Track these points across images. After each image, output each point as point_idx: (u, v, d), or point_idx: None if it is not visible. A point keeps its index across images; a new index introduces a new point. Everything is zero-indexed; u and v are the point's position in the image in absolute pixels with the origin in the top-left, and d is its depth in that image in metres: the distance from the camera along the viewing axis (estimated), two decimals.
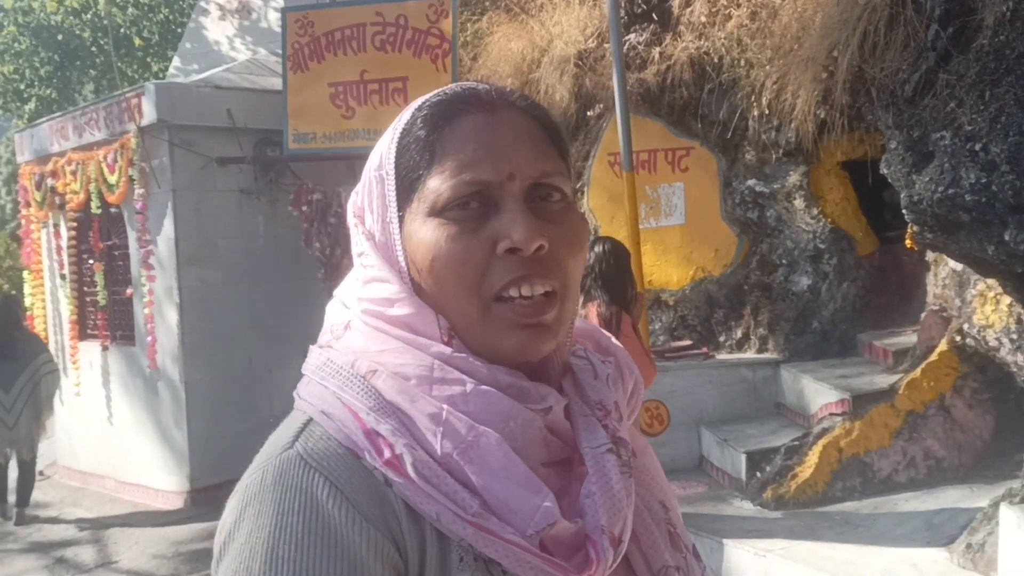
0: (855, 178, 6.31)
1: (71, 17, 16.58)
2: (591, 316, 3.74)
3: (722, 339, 6.82)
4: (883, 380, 5.41)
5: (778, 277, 6.52)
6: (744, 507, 5.18)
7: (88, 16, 16.57)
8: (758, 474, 5.32)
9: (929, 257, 5.21)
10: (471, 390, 0.81)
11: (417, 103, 0.89)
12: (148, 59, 17.26)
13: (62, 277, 9.28)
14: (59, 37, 16.48)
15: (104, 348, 8.74)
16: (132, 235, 8.26)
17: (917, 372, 5.06)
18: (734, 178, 6.63)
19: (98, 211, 8.49)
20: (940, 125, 3.33)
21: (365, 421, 0.81)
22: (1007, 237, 3.26)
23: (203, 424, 7.95)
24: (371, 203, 0.90)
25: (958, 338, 4.96)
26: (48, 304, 9.79)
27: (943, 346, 5.07)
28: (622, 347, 0.98)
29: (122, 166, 8.05)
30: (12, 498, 7.76)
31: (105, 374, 8.85)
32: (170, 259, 7.95)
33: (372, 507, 0.77)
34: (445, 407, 0.80)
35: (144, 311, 8.02)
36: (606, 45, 6.93)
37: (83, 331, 9.17)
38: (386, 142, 0.89)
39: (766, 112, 5.61)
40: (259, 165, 8.32)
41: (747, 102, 6.03)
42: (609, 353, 0.96)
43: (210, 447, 7.92)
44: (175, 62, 12.05)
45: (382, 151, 0.89)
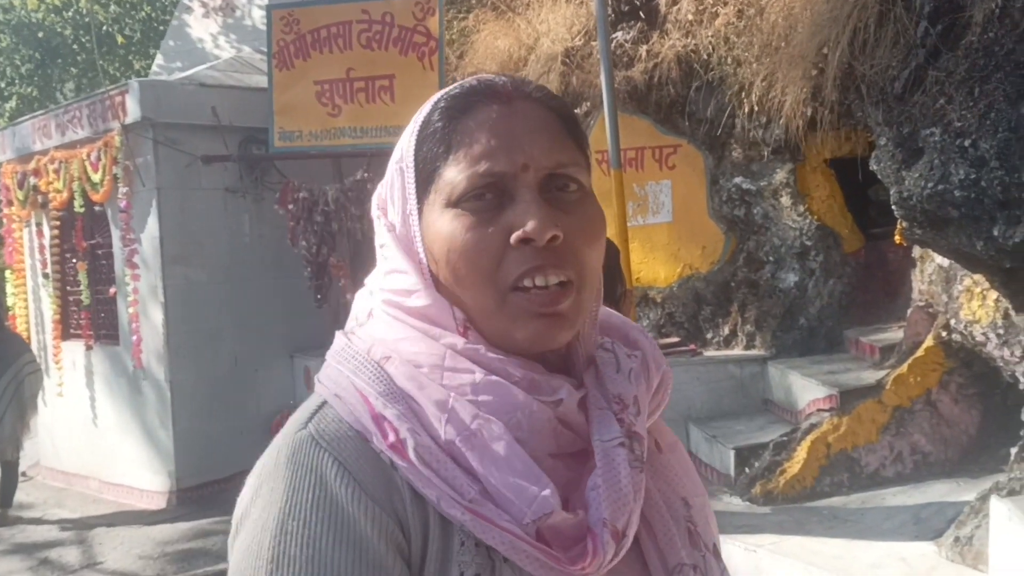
0: (841, 175, 6.35)
1: (52, 15, 16.45)
2: None
3: (709, 336, 6.84)
4: (870, 376, 5.44)
5: (765, 274, 6.55)
6: (733, 503, 5.20)
7: (69, 14, 16.44)
8: (747, 470, 5.34)
9: (915, 253, 5.25)
10: (480, 380, 0.82)
11: (437, 95, 0.90)
12: (130, 57, 17.14)
13: (45, 276, 9.20)
14: (40, 35, 16.33)
15: (88, 348, 8.67)
16: (116, 234, 8.20)
17: (904, 368, 5.10)
18: (721, 175, 6.65)
19: (81, 210, 8.42)
20: (930, 121, 3.35)
21: (374, 405, 0.83)
22: (996, 232, 3.29)
23: (189, 423, 7.91)
24: (392, 195, 0.91)
25: (944, 334, 5.00)
26: (30, 304, 9.70)
27: (929, 342, 5.11)
28: (652, 342, 0.98)
29: (106, 164, 7.98)
30: None
31: (89, 374, 8.78)
32: (155, 258, 7.89)
33: (378, 488, 0.79)
34: (452, 395, 0.82)
35: (128, 310, 7.96)
36: (593, 43, 6.94)
37: (66, 331, 9.09)
38: (407, 135, 0.90)
39: (755, 109, 5.62)
40: (244, 163, 8.28)
41: (735, 100, 6.05)
42: (637, 347, 0.96)
43: (196, 447, 7.87)
44: (158, 60, 11.97)
45: (403, 144, 0.90)
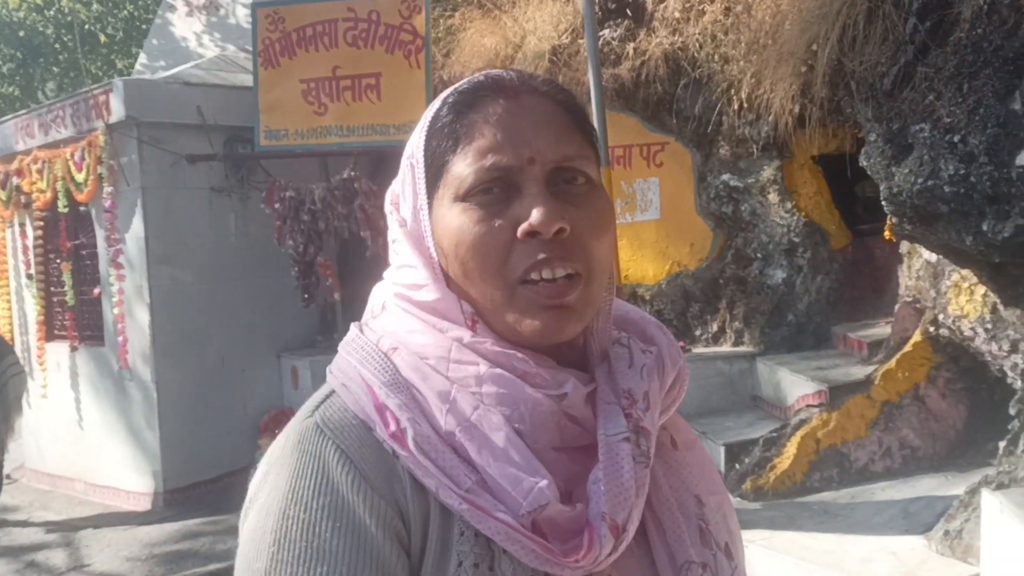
0: (828, 172, 6.38)
1: (34, 13, 16.32)
2: None
3: (698, 333, 6.86)
4: (858, 371, 5.46)
5: (753, 271, 6.57)
6: None
7: (51, 12, 16.32)
8: (737, 466, 5.35)
9: (903, 249, 5.27)
10: (484, 372, 0.84)
11: (446, 91, 0.92)
12: (113, 56, 17.03)
13: (28, 277, 9.12)
14: (21, 34, 16.21)
15: (73, 349, 8.61)
16: (100, 234, 8.14)
17: (892, 363, 5.12)
18: (709, 173, 6.66)
19: (65, 210, 8.36)
20: (919, 117, 3.37)
21: (378, 395, 0.84)
22: (985, 227, 3.31)
23: (175, 424, 7.86)
24: (404, 191, 0.93)
25: (932, 329, 5.03)
26: (13, 305, 9.61)
27: (917, 337, 5.13)
28: (670, 338, 0.98)
29: (90, 164, 7.92)
30: None
31: (73, 375, 8.71)
32: (140, 258, 7.84)
33: (379, 477, 0.81)
34: (455, 386, 0.83)
35: (114, 311, 7.91)
36: (580, 41, 6.94)
37: (50, 332, 9.02)
38: (417, 130, 0.91)
39: (745, 106, 5.64)
40: (230, 162, 8.24)
41: (723, 97, 6.06)
42: (653, 343, 0.96)
43: (182, 448, 7.83)
44: (141, 59, 11.89)
45: (413, 139, 0.92)
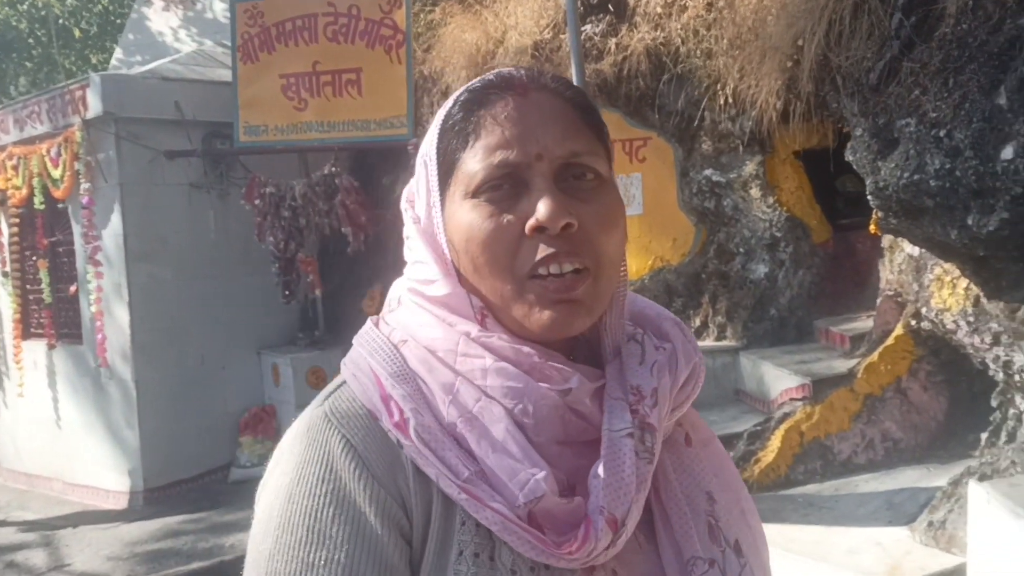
0: (808, 167, 6.42)
1: (7, 7, 16.11)
2: None
3: None
4: (841, 365, 5.50)
5: (735, 265, 6.60)
6: None
7: (24, 7, 16.13)
8: None
9: (884, 243, 5.31)
10: (490, 366, 0.85)
11: (458, 90, 0.93)
12: (87, 51, 16.85)
13: (4, 275, 9.03)
14: None
15: (50, 347, 8.53)
16: (78, 231, 8.07)
17: (875, 356, 5.16)
18: (691, 168, 6.68)
19: (42, 206, 8.28)
20: (905, 112, 3.40)
21: (384, 385, 0.86)
22: (970, 221, 3.34)
23: (155, 423, 7.81)
24: (418, 188, 0.94)
25: (914, 322, 5.07)
26: None
27: (899, 330, 5.17)
28: (687, 334, 0.98)
29: (66, 160, 7.84)
30: None
31: (51, 374, 8.63)
32: (118, 255, 7.78)
33: (383, 466, 0.83)
34: (459, 379, 0.85)
35: (92, 308, 7.84)
36: (562, 36, 6.94)
37: (26, 330, 8.93)
38: (431, 129, 0.93)
39: (729, 101, 5.66)
40: (209, 158, 8.19)
41: (705, 92, 6.08)
42: (668, 339, 0.96)
43: (163, 446, 7.78)
44: (117, 54, 11.78)
45: (427, 138, 0.93)
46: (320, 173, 7.89)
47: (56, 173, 7.95)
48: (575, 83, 5.02)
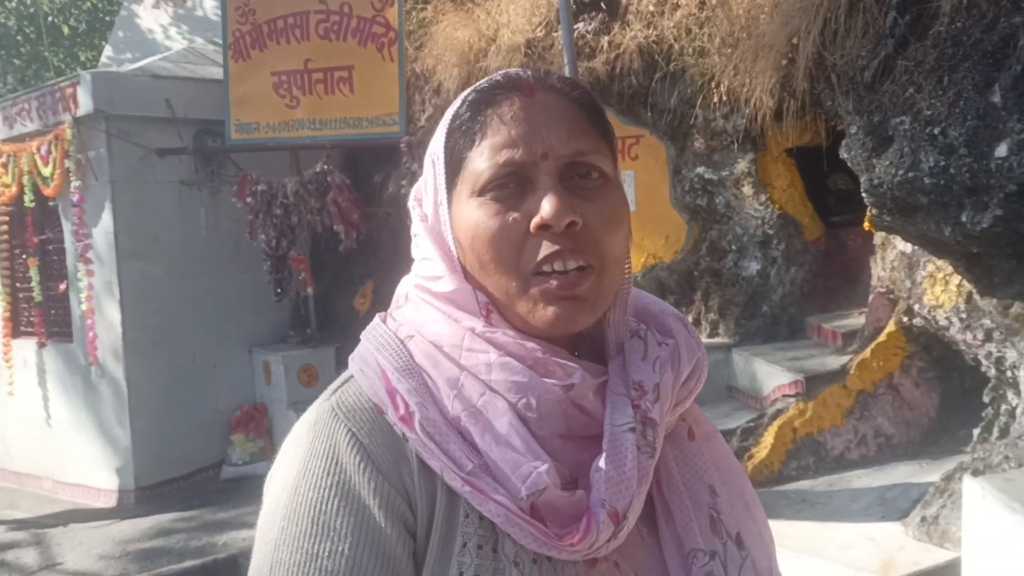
0: (800, 165, 6.44)
1: None
2: None
3: None
4: (833, 361, 5.52)
5: (728, 263, 6.62)
6: None
7: (13, 4, 16.03)
8: None
9: (876, 240, 5.34)
10: (494, 361, 0.86)
11: (466, 90, 0.95)
12: (76, 49, 16.76)
13: None
14: None
15: (40, 345, 8.49)
16: (68, 229, 8.03)
17: (867, 352, 5.18)
18: (683, 165, 6.69)
19: (32, 204, 8.24)
20: (899, 110, 3.42)
21: (391, 379, 0.88)
22: (964, 218, 3.37)
23: (147, 421, 7.78)
24: (426, 187, 0.96)
25: (906, 319, 5.10)
26: None
27: (891, 327, 5.20)
28: (690, 330, 0.99)
29: (57, 158, 7.81)
30: None
31: (41, 372, 8.59)
32: (109, 253, 7.75)
33: (388, 459, 0.84)
34: (464, 373, 0.87)
35: (82, 307, 7.81)
36: (554, 34, 6.94)
37: (16, 328, 8.89)
38: (439, 128, 0.94)
39: (724, 99, 5.67)
40: (200, 156, 8.16)
41: (699, 90, 6.09)
42: (671, 335, 0.97)
43: (154, 444, 7.76)
44: (107, 51, 11.72)
45: (435, 137, 0.94)
46: (312, 171, 7.87)
47: (46, 171, 7.92)
48: None
